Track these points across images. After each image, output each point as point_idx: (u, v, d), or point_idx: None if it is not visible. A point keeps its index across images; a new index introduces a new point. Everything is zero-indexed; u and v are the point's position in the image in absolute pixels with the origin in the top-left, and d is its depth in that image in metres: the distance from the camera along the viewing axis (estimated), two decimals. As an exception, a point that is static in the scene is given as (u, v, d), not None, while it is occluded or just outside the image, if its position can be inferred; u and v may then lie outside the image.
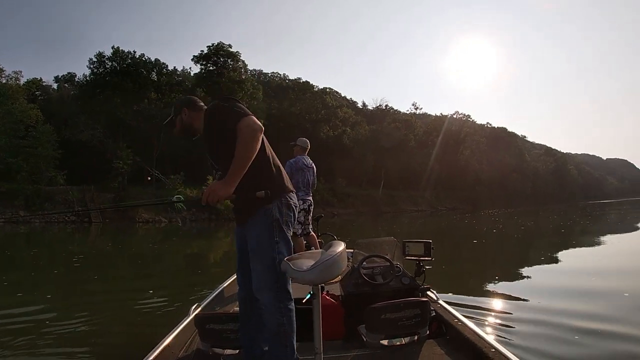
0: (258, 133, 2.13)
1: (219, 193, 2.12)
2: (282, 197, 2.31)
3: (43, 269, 10.62)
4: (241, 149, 2.10)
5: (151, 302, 6.45)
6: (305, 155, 5.82)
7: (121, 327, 5.26)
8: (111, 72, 47.63)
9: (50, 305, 6.54)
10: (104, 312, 5.95)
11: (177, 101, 2.64)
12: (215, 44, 50.24)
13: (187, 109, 2.53)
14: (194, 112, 2.53)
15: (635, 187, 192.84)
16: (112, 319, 5.60)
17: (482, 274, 8.62)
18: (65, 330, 4.94)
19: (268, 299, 2.23)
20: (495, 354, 2.38)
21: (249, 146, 2.11)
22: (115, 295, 7.20)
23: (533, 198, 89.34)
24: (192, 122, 2.53)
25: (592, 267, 8.99)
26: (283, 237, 2.27)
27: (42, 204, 33.48)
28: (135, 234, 25.10)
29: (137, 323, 5.41)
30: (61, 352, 4.23)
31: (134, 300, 6.54)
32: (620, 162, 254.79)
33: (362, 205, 56.65)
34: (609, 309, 5.32)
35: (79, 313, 5.75)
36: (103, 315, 5.77)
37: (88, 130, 41.33)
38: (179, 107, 2.55)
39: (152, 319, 5.58)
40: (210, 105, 2.41)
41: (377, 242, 3.88)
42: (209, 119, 2.39)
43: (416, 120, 78.00)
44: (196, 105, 2.56)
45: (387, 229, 23.28)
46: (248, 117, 2.15)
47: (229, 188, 2.12)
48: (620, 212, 37.26)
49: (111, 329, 5.14)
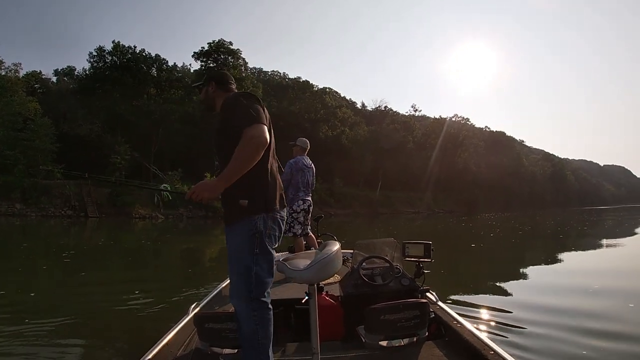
0: (261, 148, 2.07)
1: (204, 194, 2.09)
2: (271, 210, 2.22)
3: (31, 263, 10.57)
4: (239, 156, 2.05)
5: (148, 300, 6.40)
6: (305, 156, 5.84)
7: (119, 325, 5.23)
8: (111, 66, 47.67)
9: (40, 301, 6.48)
10: (100, 310, 5.91)
11: (209, 71, 2.57)
12: (216, 41, 50.42)
13: (215, 84, 2.49)
14: (220, 90, 2.48)
15: (631, 194, 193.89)
16: (108, 317, 5.56)
17: (480, 276, 8.64)
18: (63, 330, 4.89)
19: (241, 307, 2.18)
20: (494, 356, 2.38)
21: (247, 156, 2.05)
22: (110, 293, 7.14)
23: (530, 202, 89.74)
24: (215, 98, 2.48)
25: (591, 269, 9.13)
26: (264, 249, 2.18)
27: (38, 197, 33.52)
28: (131, 230, 25.05)
29: (135, 321, 5.39)
30: (59, 351, 4.21)
31: (130, 299, 6.48)
32: (618, 169, 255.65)
33: (360, 206, 56.76)
34: (607, 309, 5.35)
35: (73, 310, 5.73)
36: (99, 314, 5.73)
37: (87, 124, 41.28)
38: (208, 80, 2.51)
39: (149, 317, 5.55)
40: (231, 95, 2.33)
41: (377, 243, 3.87)
42: (224, 109, 2.30)
43: (415, 122, 78.23)
44: (225, 84, 2.51)
45: (382, 231, 23.27)
46: (259, 125, 2.08)
47: (216, 191, 2.10)
48: (618, 218, 37.43)
49: (108, 328, 5.11)
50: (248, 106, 2.14)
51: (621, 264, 9.85)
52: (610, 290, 6.71)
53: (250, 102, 2.18)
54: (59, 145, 38.02)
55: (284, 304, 3.47)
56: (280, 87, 71.72)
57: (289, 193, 5.62)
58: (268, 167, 2.26)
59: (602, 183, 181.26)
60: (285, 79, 77.95)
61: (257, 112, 2.13)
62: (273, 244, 2.24)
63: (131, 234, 22.07)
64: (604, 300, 5.87)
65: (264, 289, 2.19)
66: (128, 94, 44.95)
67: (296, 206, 5.65)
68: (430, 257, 3.54)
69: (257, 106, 2.18)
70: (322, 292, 3.29)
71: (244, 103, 2.16)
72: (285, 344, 2.99)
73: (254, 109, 2.14)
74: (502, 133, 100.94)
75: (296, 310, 3.49)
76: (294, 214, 5.63)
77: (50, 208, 33.32)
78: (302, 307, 3.26)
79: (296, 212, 5.64)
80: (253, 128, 2.06)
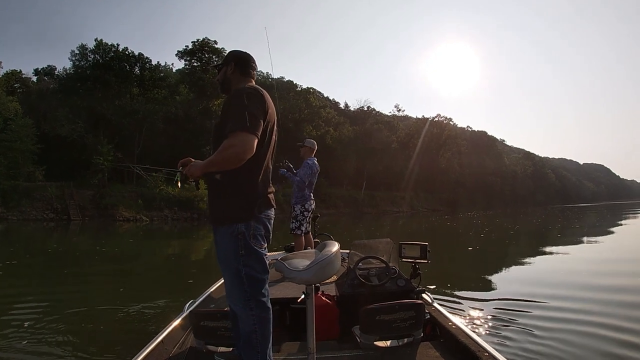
0: (236, 160, 1.98)
1: (191, 170, 2.10)
2: (253, 217, 2.14)
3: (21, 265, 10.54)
4: (215, 160, 2.02)
5: (143, 299, 6.48)
6: (313, 157, 6.01)
7: (113, 323, 5.28)
8: (93, 65, 46.63)
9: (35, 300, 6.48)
10: (95, 308, 5.98)
11: (232, 52, 2.44)
12: (200, 40, 49.72)
13: (235, 65, 2.36)
14: (238, 73, 2.36)
15: (611, 192, 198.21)
16: (103, 315, 5.63)
17: (476, 278, 8.62)
18: (58, 329, 4.95)
19: (238, 308, 2.17)
20: (489, 358, 2.40)
21: (220, 163, 2.03)
22: (105, 292, 7.20)
23: (511, 201, 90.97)
24: (232, 81, 2.36)
25: (592, 267, 9.29)
26: (249, 249, 2.11)
27: (19, 200, 32.72)
28: (115, 232, 24.74)
29: (130, 319, 5.46)
30: (54, 350, 4.26)
31: (125, 297, 6.57)
32: (597, 167, 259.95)
33: (344, 206, 56.90)
34: (604, 309, 5.44)
35: (68, 309, 5.81)
36: (94, 312, 5.81)
37: (68, 124, 40.38)
38: (229, 59, 2.38)
39: (144, 315, 5.63)
40: (239, 90, 2.19)
41: (373, 244, 3.90)
42: (226, 103, 2.20)
43: (398, 122, 78.60)
44: (246, 67, 2.38)
45: (366, 232, 23.39)
46: (245, 135, 1.98)
47: (198, 172, 2.08)
48: (607, 215, 38.39)
49: (103, 325, 5.16)
50: (246, 108, 2.03)
51: (616, 261, 10.14)
52: (606, 289, 6.78)
53: (252, 103, 2.08)
54: (40, 146, 37.07)
55: (279, 303, 3.44)
56: (263, 86, 68.14)
57: (305, 193, 5.78)
58: (261, 169, 2.19)
59: (582, 181, 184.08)
60: (268, 79, 77.42)
61: (252, 118, 2.02)
62: (260, 243, 2.16)
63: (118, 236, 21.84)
64: (599, 302, 5.91)
65: (259, 287, 2.15)
66: (111, 93, 44.07)
67: (308, 205, 5.78)
68: (426, 259, 3.59)
69: (257, 109, 2.09)
70: (318, 292, 3.24)
71: (244, 104, 2.05)
72: (281, 344, 2.97)
73: (252, 112, 2.03)
74: (483, 133, 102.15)
75: (291, 309, 3.51)
76: (305, 213, 5.75)
77: (32, 211, 32.55)
78: (297, 307, 3.31)
79: (307, 211, 5.77)
80: (236, 137, 1.97)
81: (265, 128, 2.13)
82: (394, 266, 3.55)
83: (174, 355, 2.74)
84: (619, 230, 21.59)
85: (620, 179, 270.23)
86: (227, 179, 2.10)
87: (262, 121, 2.08)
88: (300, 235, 5.69)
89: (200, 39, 49.74)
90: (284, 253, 4.96)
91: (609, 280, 7.72)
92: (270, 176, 2.28)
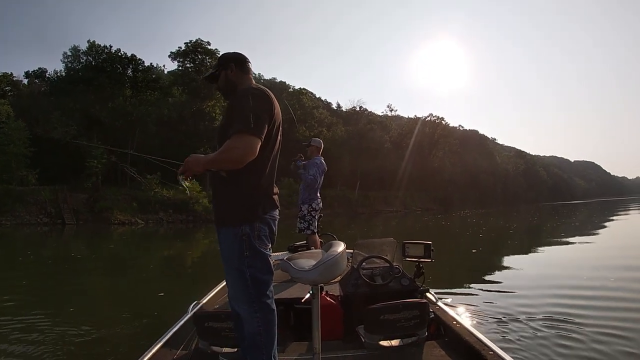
0: (237, 162, 1.99)
1: (192, 165, 2.09)
2: (258, 218, 2.14)
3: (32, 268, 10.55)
4: (216, 158, 2.02)
5: (147, 300, 6.55)
6: (320, 156, 6.02)
7: (118, 324, 5.33)
8: (86, 67, 46.44)
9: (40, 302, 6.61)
10: (100, 310, 6.09)
11: (225, 54, 2.42)
12: (193, 41, 49.52)
13: (235, 66, 2.34)
14: (241, 73, 2.35)
15: (602, 189, 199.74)
16: (107, 317, 5.71)
17: (479, 277, 8.54)
18: (62, 330, 5.03)
19: (242, 310, 2.15)
20: (494, 356, 2.40)
21: (221, 163, 2.04)
22: (109, 293, 7.25)
23: (503, 199, 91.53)
24: (237, 81, 2.33)
25: (593, 265, 9.33)
26: (253, 250, 2.09)
27: (12, 205, 32.46)
28: (110, 236, 24.72)
29: (134, 320, 5.52)
30: (59, 351, 4.34)
31: (129, 299, 6.62)
32: (588, 165, 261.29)
33: (338, 206, 56.86)
34: (606, 307, 5.48)
35: (72, 310, 5.93)
36: (99, 313, 5.91)
37: (61, 127, 40.01)
38: (227, 62, 2.35)
39: (149, 316, 5.70)
40: (243, 90, 2.20)
41: (377, 243, 3.87)
42: (231, 104, 2.22)
43: (391, 122, 78.87)
44: (244, 63, 2.38)
45: (360, 233, 23.47)
46: (248, 138, 1.98)
47: (200, 167, 2.07)
48: (604, 211, 38.72)
49: (108, 327, 5.21)
50: (251, 110, 2.03)
51: (622, 257, 10.16)
52: (607, 287, 6.77)
53: (257, 104, 2.08)
54: (33, 149, 36.72)
55: (283, 303, 3.45)
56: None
57: (314, 192, 5.82)
58: (266, 170, 2.19)
59: (573, 178, 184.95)
60: (260, 80, 77.49)
61: (256, 120, 2.02)
62: (265, 243, 2.15)
63: (114, 241, 21.85)
64: (602, 299, 5.92)
65: (264, 289, 2.14)
66: (103, 95, 43.87)
67: (315, 204, 5.82)
68: (430, 258, 3.57)
69: (263, 111, 2.09)
70: (322, 292, 3.21)
71: (249, 105, 2.05)
72: (285, 344, 2.96)
73: (257, 114, 2.04)
74: (475, 132, 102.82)
75: (295, 309, 3.52)
76: (312, 212, 5.78)
77: (26, 216, 32.35)
78: (301, 307, 3.35)
79: (315, 210, 5.80)
80: (240, 138, 1.98)
81: (271, 129, 2.14)
82: (398, 265, 3.55)
83: (179, 356, 2.75)
84: (614, 225, 21.87)
85: (611, 176, 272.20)
86: (231, 179, 2.10)
87: (266, 123, 2.08)
88: (312, 234, 5.73)
89: (193, 40, 49.65)
90: (287, 253, 4.96)
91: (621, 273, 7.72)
92: (275, 177, 2.29)
